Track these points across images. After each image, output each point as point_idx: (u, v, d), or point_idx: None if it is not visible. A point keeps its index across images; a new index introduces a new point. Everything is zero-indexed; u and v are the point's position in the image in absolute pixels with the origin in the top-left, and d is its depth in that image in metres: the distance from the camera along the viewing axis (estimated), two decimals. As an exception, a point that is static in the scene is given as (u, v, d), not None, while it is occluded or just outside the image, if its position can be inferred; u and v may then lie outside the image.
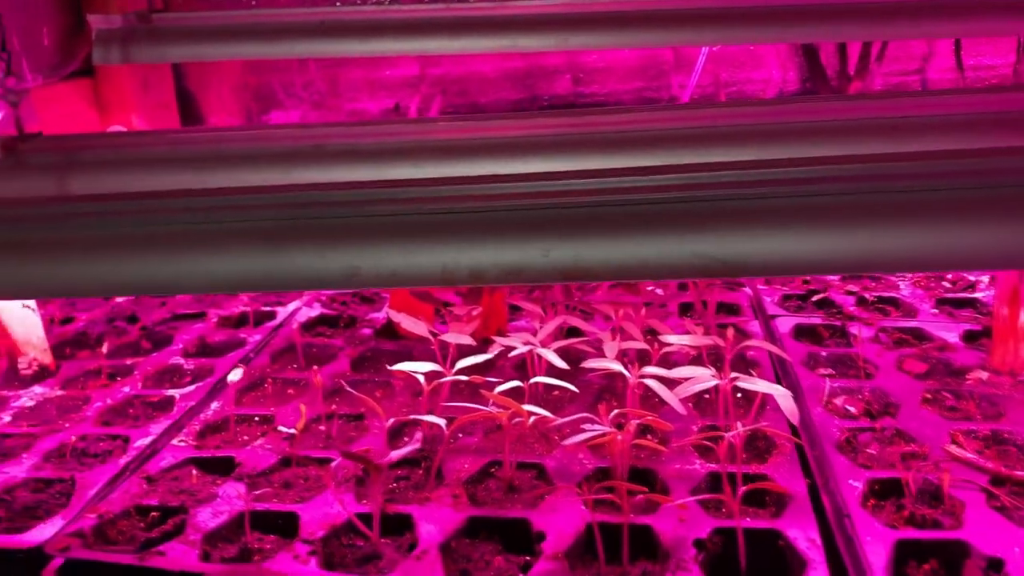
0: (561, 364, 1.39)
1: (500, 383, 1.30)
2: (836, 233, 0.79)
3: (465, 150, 1.40)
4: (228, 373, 1.47)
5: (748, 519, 1.10)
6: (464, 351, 1.41)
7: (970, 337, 1.61)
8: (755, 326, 1.69)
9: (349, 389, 1.39)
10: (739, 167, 0.87)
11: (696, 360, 1.52)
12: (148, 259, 0.89)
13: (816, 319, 1.70)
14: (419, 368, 1.32)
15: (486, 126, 1.45)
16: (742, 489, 1.07)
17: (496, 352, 1.43)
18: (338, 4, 2.80)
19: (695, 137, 1.34)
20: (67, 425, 1.43)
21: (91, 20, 2.08)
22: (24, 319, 1.64)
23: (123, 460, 1.31)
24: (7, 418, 1.47)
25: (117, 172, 1.37)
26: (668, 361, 1.53)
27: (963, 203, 0.77)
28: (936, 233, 0.77)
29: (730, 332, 1.41)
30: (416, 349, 1.62)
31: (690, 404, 1.38)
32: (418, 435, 1.26)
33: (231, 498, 1.19)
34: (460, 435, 1.33)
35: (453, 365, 1.37)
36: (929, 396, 1.39)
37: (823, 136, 1.32)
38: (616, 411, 1.23)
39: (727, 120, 1.35)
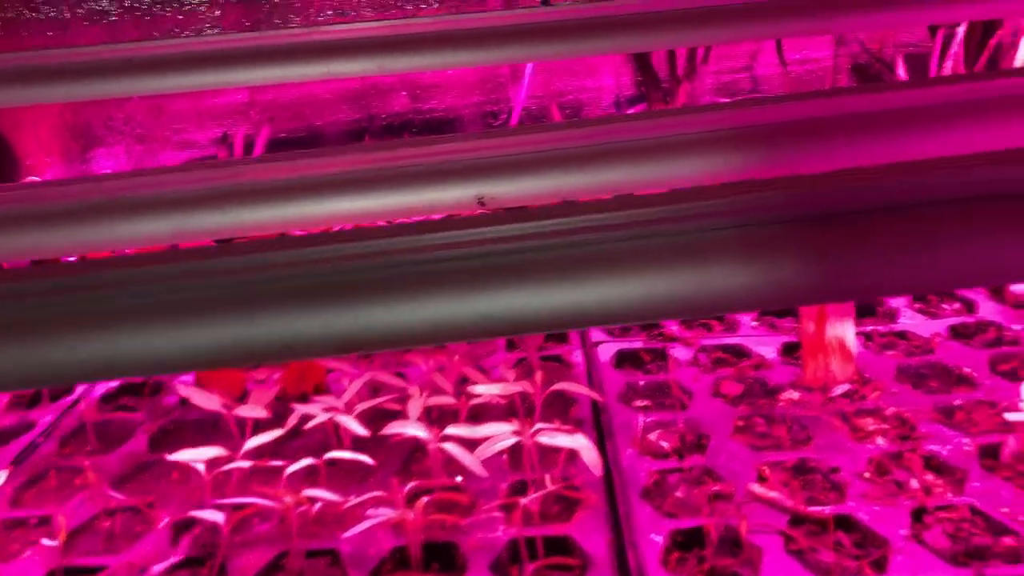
0: (362, 432, 1.31)
1: (292, 463, 1.22)
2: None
3: (276, 191, 1.30)
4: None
5: (547, 592, 1.05)
6: (265, 422, 1.32)
7: (788, 350, 1.61)
8: (578, 356, 1.65)
9: (115, 495, 1.27)
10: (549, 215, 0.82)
11: (511, 405, 1.46)
12: None
13: (637, 343, 1.67)
14: (200, 456, 1.22)
15: (298, 165, 1.36)
16: (530, 567, 1.02)
17: (296, 423, 1.35)
18: (156, 36, 2.64)
19: (520, 164, 1.28)
20: None
21: None
22: None
23: None
24: None
25: None
26: (482, 409, 1.47)
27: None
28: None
29: (538, 376, 1.36)
30: (223, 418, 1.51)
31: (504, 457, 1.32)
32: (185, 541, 1.16)
33: (-14, 630, 1.07)
34: (256, 520, 1.24)
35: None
36: (741, 423, 1.38)
37: (640, 156, 1.29)
38: (412, 484, 1.16)
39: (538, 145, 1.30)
